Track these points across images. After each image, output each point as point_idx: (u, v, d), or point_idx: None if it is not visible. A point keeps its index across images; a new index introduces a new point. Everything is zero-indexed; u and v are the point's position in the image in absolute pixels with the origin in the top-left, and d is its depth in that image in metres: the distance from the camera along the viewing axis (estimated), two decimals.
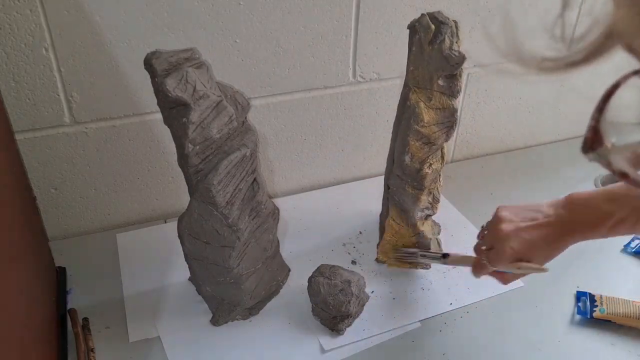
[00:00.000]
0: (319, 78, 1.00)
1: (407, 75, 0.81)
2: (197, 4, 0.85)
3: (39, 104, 0.85)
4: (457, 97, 0.79)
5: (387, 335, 0.80)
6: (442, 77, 0.78)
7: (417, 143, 0.82)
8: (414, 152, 0.82)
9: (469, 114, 1.17)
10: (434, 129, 0.81)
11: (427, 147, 0.82)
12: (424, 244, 0.90)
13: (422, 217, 0.89)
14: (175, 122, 0.68)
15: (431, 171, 0.84)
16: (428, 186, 0.85)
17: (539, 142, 1.29)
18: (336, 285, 0.79)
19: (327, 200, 1.06)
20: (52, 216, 0.95)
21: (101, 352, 0.76)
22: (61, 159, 0.91)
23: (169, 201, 1.02)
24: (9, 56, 0.80)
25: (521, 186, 1.13)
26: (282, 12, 0.91)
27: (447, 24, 0.75)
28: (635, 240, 0.97)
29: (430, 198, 0.89)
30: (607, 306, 0.83)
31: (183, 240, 0.76)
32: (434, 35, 0.76)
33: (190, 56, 0.69)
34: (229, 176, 0.70)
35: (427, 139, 0.81)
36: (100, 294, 0.85)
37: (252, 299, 0.81)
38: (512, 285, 0.88)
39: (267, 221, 0.78)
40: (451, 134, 0.82)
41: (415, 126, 0.80)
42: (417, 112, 0.80)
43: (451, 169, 1.19)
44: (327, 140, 1.08)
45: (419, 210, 0.88)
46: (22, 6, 0.77)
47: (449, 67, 0.76)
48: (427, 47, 0.76)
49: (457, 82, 0.78)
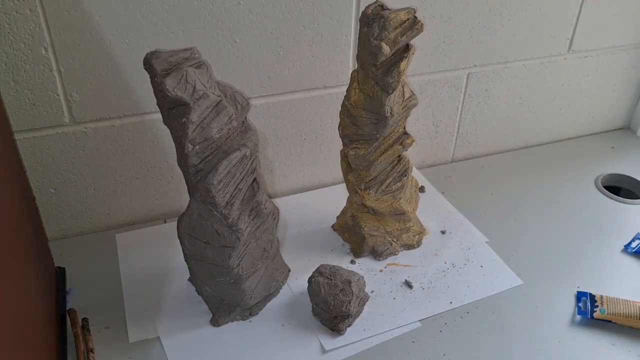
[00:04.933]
0: (319, 78, 1.00)
1: (357, 54, 0.82)
2: (197, 4, 0.85)
3: (38, 103, 0.85)
4: (388, 92, 0.78)
5: (387, 335, 0.80)
6: (379, 68, 0.77)
7: (345, 120, 0.85)
8: (343, 127, 0.86)
9: (469, 114, 1.17)
10: (362, 113, 0.82)
11: (355, 128, 0.84)
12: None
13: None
14: (175, 122, 0.68)
15: (354, 154, 0.85)
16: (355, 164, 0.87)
17: (539, 142, 1.29)
18: (336, 285, 0.79)
19: (327, 200, 1.06)
20: (51, 216, 0.95)
21: (101, 353, 0.76)
22: (60, 159, 0.90)
23: (168, 201, 1.02)
24: (8, 56, 0.80)
25: (521, 186, 1.13)
26: (282, 12, 0.91)
27: (383, 16, 0.74)
28: (636, 240, 0.97)
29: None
30: (607, 306, 0.82)
31: (183, 240, 0.76)
32: (367, 22, 0.76)
33: (190, 56, 0.69)
34: (229, 176, 0.70)
35: (354, 119, 0.83)
36: (99, 294, 0.85)
37: (252, 299, 0.81)
38: (512, 283, 0.89)
39: (267, 221, 0.78)
40: (382, 131, 0.81)
41: (345, 102, 0.84)
42: (348, 89, 0.83)
43: (451, 169, 1.19)
44: (327, 140, 1.08)
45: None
46: (22, 6, 0.77)
47: (370, 54, 0.76)
48: (364, 30, 0.76)
49: (388, 77, 0.77)
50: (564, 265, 0.93)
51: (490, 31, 1.08)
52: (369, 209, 0.92)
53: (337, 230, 0.99)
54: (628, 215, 1.05)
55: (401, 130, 0.86)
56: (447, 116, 1.15)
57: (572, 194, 1.11)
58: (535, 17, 1.10)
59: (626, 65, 1.25)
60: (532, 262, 0.93)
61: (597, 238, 0.99)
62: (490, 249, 0.96)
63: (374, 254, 0.94)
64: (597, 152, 1.26)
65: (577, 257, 0.95)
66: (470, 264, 0.93)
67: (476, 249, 0.96)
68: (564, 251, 0.96)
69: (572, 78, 1.22)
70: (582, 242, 0.98)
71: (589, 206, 1.08)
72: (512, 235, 0.99)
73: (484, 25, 1.06)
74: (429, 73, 1.08)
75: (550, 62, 1.17)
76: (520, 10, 1.07)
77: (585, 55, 1.19)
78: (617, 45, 1.21)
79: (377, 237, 0.93)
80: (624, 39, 1.21)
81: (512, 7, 1.06)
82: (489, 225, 1.02)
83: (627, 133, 1.34)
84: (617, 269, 0.93)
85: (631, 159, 1.23)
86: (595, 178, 1.15)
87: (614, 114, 1.32)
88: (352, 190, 0.91)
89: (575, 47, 1.17)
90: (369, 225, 0.93)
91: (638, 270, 0.93)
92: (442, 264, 0.93)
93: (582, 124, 1.30)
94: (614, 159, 1.23)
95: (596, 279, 0.90)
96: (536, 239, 0.99)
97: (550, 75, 1.19)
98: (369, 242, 0.93)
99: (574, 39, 1.16)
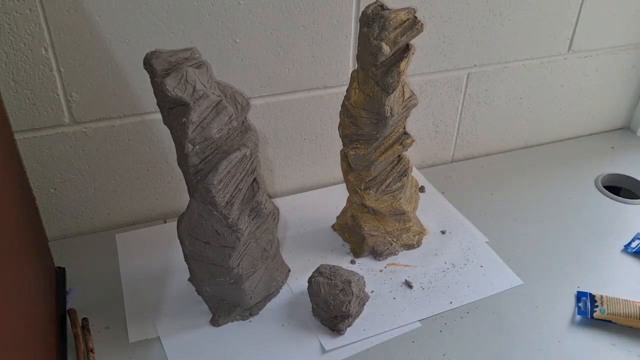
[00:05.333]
0: (319, 78, 1.00)
1: (357, 54, 0.82)
2: (197, 4, 0.85)
3: (38, 103, 0.85)
4: (388, 92, 0.78)
5: (387, 335, 0.80)
6: (379, 68, 0.77)
7: (345, 120, 0.84)
8: (343, 127, 0.85)
9: (469, 114, 1.17)
10: (362, 113, 0.82)
11: (355, 128, 0.84)
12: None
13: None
14: (175, 122, 0.68)
15: (354, 154, 0.85)
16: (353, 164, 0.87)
17: (539, 142, 1.29)
18: (336, 285, 0.79)
19: (327, 200, 1.06)
20: (51, 216, 0.95)
21: (101, 353, 0.76)
22: (60, 159, 0.90)
23: (168, 201, 1.02)
24: (8, 56, 0.80)
25: (521, 186, 1.13)
26: (282, 12, 0.91)
27: (383, 16, 0.74)
28: (636, 240, 0.97)
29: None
30: (607, 306, 0.82)
31: (183, 240, 0.76)
32: (367, 22, 0.76)
33: (190, 56, 0.69)
34: (229, 176, 0.70)
35: (354, 119, 0.83)
36: (99, 294, 0.85)
37: (252, 299, 0.81)
38: (512, 283, 0.89)
39: (267, 221, 0.78)
40: (382, 131, 0.82)
41: (345, 102, 0.83)
42: (349, 89, 0.83)
43: (451, 169, 1.19)
44: (327, 140, 1.08)
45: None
46: (22, 6, 0.77)
47: (370, 54, 0.76)
48: (364, 30, 0.76)
49: (388, 77, 0.77)
50: (564, 265, 0.93)
51: (490, 31, 1.08)
52: (369, 209, 0.92)
53: (337, 230, 0.99)
54: (628, 215, 1.05)
55: (401, 130, 0.86)
56: (447, 116, 1.15)
57: (572, 194, 1.11)
58: (535, 17, 1.10)
59: (626, 65, 1.25)
60: (532, 262, 0.93)
61: (597, 238, 0.99)
62: (490, 249, 0.96)
63: (374, 254, 0.94)
64: (597, 152, 1.26)
65: (577, 257, 0.95)
66: (470, 264, 0.93)
67: (476, 249, 0.96)
68: (564, 251, 0.96)
69: (572, 78, 1.22)
70: (582, 242, 0.98)
71: (589, 206, 1.08)
72: (512, 235, 0.99)
73: (484, 25, 1.06)
74: (429, 73, 1.08)
75: (550, 62, 1.17)
76: (520, 10, 1.07)
77: (585, 55, 1.19)
78: (617, 45, 1.21)
79: (377, 237, 0.93)
80: (624, 39, 1.21)
81: (512, 7, 1.06)
82: (489, 225, 1.02)
83: (627, 133, 1.34)
84: (617, 269, 0.93)
85: (631, 159, 1.23)
86: (595, 178, 1.15)
87: (614, 114, 1.32)
88: (352, 190, 0.91)
89: (575, 47, 1.17)
90: (369, 225, 0.93)
91: (638, 270, 0.93)
92: (442, 264, 0.93)
93: (582, 124, 1.30)
94: (614, 159, 1.23)
95: (596, 279, 0.90)
96: (536, 239, 0.99)
97: (550, 75, 1.19)
98: (369, 242, 0.93)
99: (574, 39, 1.16)
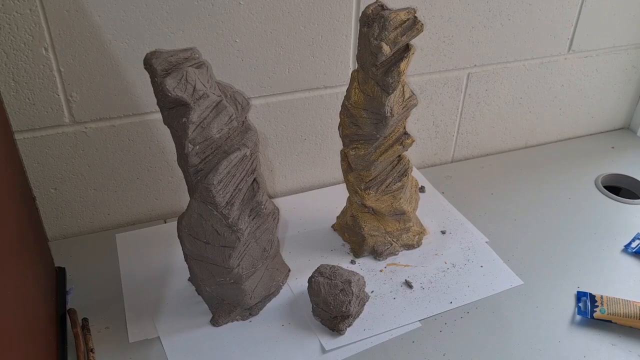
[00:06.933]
0: (319, 78, 1.00)
1: (357, 54, 0.82)
2: (197, 4, 0.85)
3: (38, 103, 0.85)
4: (388, 92, 0.78)
5: (387, 335, 0.80)
6: (379, 68, 0.77)
7: (345, 120, 0.85)
8: (343, 127, 0.85)
9: (469, 114, 1.17)
10: (362, 113, 0.82)
11: (355, 128, 0.84)
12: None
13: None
14: (175, 122, 0.68)
15: (354, 154, 0.85)
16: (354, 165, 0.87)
17: (539, 142, 1.29)
18: (336, 285, 0.79)
19: (327, 200, 1.06)
20: (51, 216, 0.95)
21: (101, 353, 0.76)
22: (60, 159, 0.90)
23: (168, 201, 1.02)
24: (8, 56, 0.80)
25: (521, 186, 1.13)
26: (282, 12, 0.91)
27: (383, 16, 0.74)
28: (636, 240, 0.97)
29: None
30: (607, 306, 0.82)
31: (183, 240, 0.76)
32: (367, 22, 0.76)
33: (190, 56, 0.69)
34: (229, 176, 0.70)
35: (354, 119, 0.83)
36: (99, 294, 0.85)
37: (252, 299, 0.81)
38: (512, 283, 0.89)
39: (267, 221, 0.78)
40: (382, 131, 0.82)
41: (345, 102, 0.83)
42: (349, 89, 0.83)
43: (451, 169, 1.19)
44: (327, 140, 1.08)
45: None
46: (22, 6, 0.77)
47: (370, 54, 0.76)
48: (364, 30, 0.76)
49: (388, 77, 0.77)
50: (564, 265, 0.93)
51: (490, 31, 1.08)
52: (369, 209, 0.92)
53: (337, 230, 0.99)
54: (628, 215, 1.05)
55: (401, 130, 0.86)
56: (447, 116, 1.15)
57: (572, 194, 1.11)
58: (535, 17, 1.10)
59: (626, 65, 1.25)
60: (532, 262, 0.93)
61: (597, 238, 0.99)
62: (490, 249, 0.96)
63: (374, 254, 0.94)
64: (597, 152, 1.26)
65: (577, 257, 0.95)
66: (470, 264, 0.93)
67: (476, 249, 0.96)
68: (564, 251, 0.96)
69: (572, 78, 1.22)
70: (582, 242, 0.98)
71: (589, 206, 1.08)
72: (512, 235, 0.99)
73: (484, 25, 1.06)
74: (429, 73, 1.08)
75: (550, 62, 1.17)
76: (520, 10, 1.07)
77: (585, 55, 1.19)
78: (617, 45, 1.21)
79: (377, 237, 0.93)
80: (624, 39, 1.21)
81: (512, 7, 1.06)
82: (489, 225, 1.02)
83: (627, 133, 1.34)
84: (617, 269, 0.93)
85: (631, 159, 1.23)
86: (595, 178, 1.15)
87: (614, 114, 1.32)
88: (352, 190, 0.91)
89: (575, 47, 1.17)
90: (369, 225, 0.93)
91: (638, 270, 0.93)
92: (442, 264, 0.93)
93: (582, 124, 1.30)
94: (614, 159, 1.23)
95: (596, 279, 0.90)
96: (536, 239, 0.99)
97: (550, 75, 1.19)
98: (369, 242, 0.93)
99: (574, 39, 1.16)
